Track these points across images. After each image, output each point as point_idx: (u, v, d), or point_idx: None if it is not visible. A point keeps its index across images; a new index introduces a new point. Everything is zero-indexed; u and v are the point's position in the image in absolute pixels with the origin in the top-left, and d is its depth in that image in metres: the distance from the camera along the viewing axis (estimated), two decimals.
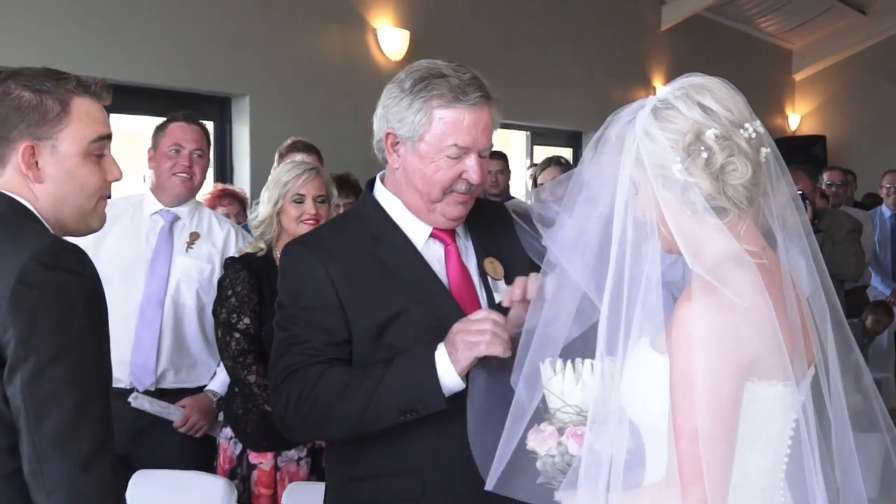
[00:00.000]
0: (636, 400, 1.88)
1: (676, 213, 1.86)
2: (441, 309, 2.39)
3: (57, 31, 5.59)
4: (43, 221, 1.95)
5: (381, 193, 2.51)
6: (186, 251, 3.92)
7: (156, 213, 3.96)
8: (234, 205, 5.43)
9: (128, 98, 6.03)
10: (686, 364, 1.77)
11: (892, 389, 6.07)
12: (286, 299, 2.45)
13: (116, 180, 2.06)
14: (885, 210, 8.36)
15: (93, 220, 2.05)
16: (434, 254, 2.47)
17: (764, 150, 1.86)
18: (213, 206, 5.41)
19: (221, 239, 4.02)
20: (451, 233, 2.50)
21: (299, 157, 4.86)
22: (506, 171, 7.25)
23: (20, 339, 1.75)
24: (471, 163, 2.36)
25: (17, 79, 1.94)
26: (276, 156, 5.07)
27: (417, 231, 2.46)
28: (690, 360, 1.76)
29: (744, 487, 1.83)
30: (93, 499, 1.80)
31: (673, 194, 1.85)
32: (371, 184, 2.57)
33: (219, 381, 3.93)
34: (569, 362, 1.99)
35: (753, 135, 1.84)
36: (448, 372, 2.23)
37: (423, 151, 2.36)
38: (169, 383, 3.83)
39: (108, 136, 2.01)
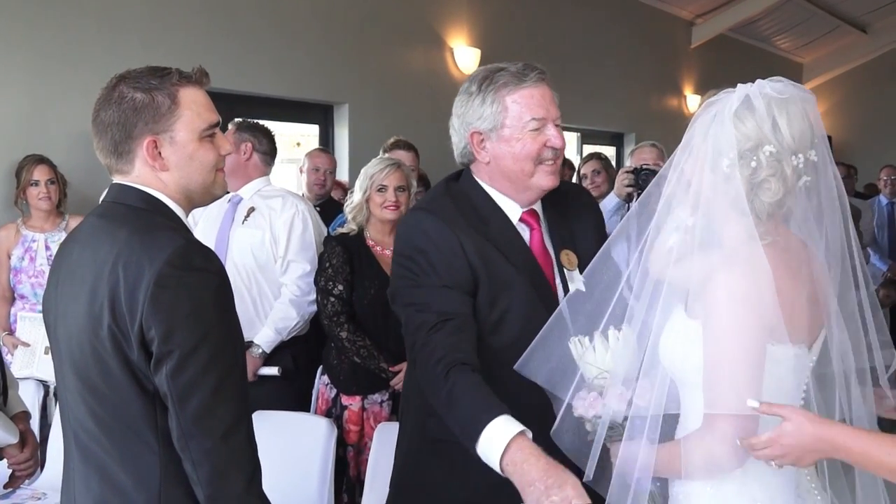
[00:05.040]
0: (674, 359, 1.83)
1: (710, 194, 1.78)
2: (536, 280, 2.24)
3: (191, 53, 5.59)
4: (174, 209, 1.84)
5: (478, 181, 2.33)
6: (243, 223, 3.92)
7: (230, 200, 4.00)
8: (342, 192, 5.45)
9: (250, 105, 6.07)
10: (714, 324, 1.73)
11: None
12: (420, 258, 2.21)
13: (229, 154, 1.92)
14: (882, 199, 8.22)
15: (215, 189, 1.92)
16: (522, 234, 2.32)
17: (805, 178, 1.78)
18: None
19: (269, 208, 3.95)
20: (536, 218, 2.35)
21: (400, 153, 4.84)
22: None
23: (162, 336, 1.66)
24: (550, 131, 2.25)
25: (127, 81, 1.81)
26: (381, 151, 5.01)
27: (511, 214, 2.31)
28: (717, 321, 1.73)
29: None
30: (232, 466, 1.72)
31: (716, 177, 1.77)
32: (459, 173, 2.40)
33: (263, 336, 3.82)
34: (596, 334, 1.89)
35: (801, 164, 1.77)
36: (493, 452, 1.85)
37: (508, 135, 2.23)
38: None
39: (218, 123, 1.88)
